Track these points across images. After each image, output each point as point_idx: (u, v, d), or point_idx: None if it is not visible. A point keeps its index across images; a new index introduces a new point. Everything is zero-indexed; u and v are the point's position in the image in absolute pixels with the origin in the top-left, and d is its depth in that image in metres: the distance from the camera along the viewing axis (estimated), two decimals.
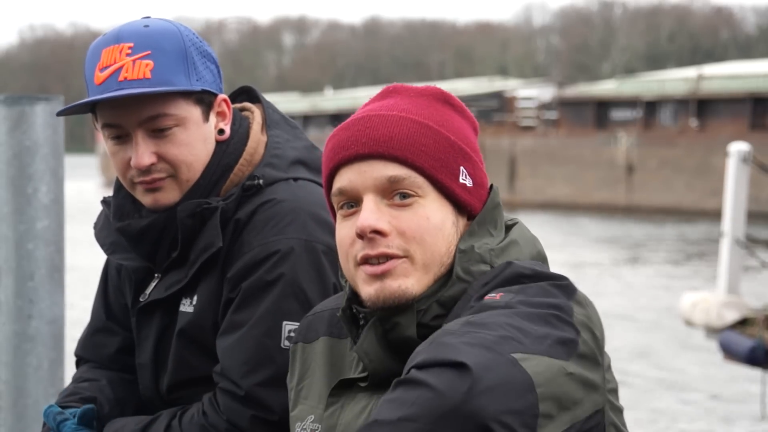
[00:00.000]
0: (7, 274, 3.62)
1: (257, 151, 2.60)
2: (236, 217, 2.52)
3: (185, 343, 2.56)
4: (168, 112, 2.46)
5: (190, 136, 2.50)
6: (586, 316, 1.84)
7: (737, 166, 11.37)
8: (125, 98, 2.44)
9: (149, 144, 2.47)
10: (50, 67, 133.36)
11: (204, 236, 2.52)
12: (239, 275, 2.49)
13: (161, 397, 2.63)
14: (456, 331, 1.75)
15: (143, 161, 2.46)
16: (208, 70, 2.53)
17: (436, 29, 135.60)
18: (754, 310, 11.22)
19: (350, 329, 1.99)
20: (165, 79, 2.45)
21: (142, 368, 2.65)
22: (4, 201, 3.61)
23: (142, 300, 2.62)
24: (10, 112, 3.59)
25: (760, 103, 42.76)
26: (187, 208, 2.51)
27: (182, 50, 2.48)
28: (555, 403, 1.72)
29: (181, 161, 2.50)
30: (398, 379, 1.72)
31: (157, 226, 2.54)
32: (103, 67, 2.45)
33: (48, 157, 3.62)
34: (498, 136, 50.33)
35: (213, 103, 2.55)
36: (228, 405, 2.45)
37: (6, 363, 3.63)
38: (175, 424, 2.50)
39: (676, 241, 31.92)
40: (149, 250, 2.57)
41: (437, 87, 2.01)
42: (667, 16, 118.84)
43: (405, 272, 1.90)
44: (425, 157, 1.91)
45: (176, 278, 2.56)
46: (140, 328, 2.64)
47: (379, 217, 1.89)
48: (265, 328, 2.45)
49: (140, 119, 2.45)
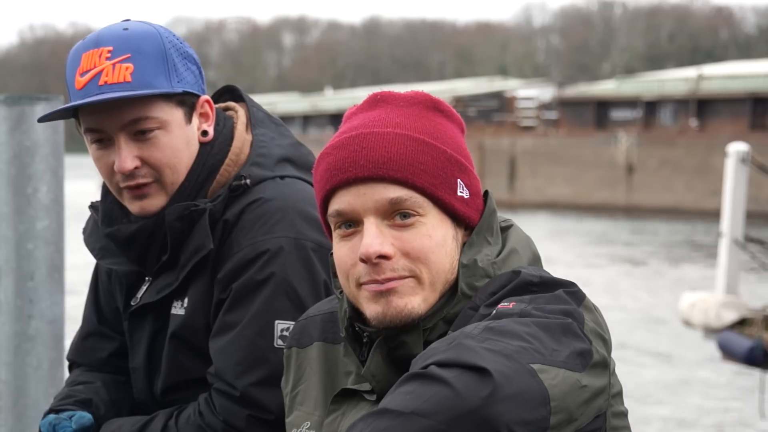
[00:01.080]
0: (7, 274, 3.62)
1: (243, 150, 2.58)
2: (224, 218, 2.51)
3: (177, 346, 2.55)
4: (149, 115, 2.45)
5: (173, 139, 2.48)
6: (596, 322, 1.85)
7: (736, 167, 11.39)
8: (106, 102, 2.42)
9: (132, 148, 2.45)
10: (50, 67, 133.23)
11: (194, 239, 2.51)
12: (229, 276, 2.48)
13: (155, 400, 2.62)
14: (477, 335, 1.74)
15: (126, 165, 2.45)
16: (189, 71, 2.51)
17: (436, 29, 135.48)
18: (753, 310, 11.24)
19: (354, 348, 1.98)
20: (145, 82, 2.43)
21: (135, 372, 2.65)
22: (4, 201, 3.61)
23: (134, 304, 2.62)
24: (10, 112, 3.59)
25: (760, 103, 42.78)
26: (174, 212, 2.50)
27: (162, 53, 2.46)
28: (565, 415, 1.73)
29: (165, 164, 2.48)
30: (413, 372, 1.70)
31: (146, 230, 2.53)
32: (83, 72, 2.44)
33: (48, 157, 3.62)
34: (498, 136, 50.32)
35: (195, 105, 2.53)
36: (224, 405, 2.45)
37: (6, 363, 3.63)
38: (171, 424, 2.49)
39: (676, 241, 31.91)
40: (139, 255, 2.57)
41: (424, 93, 1.98)
42: (667, 16, 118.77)
43: (412, 291, 1.89)
44: (425, 176, 1.89)
45: (167, 281, 2.55)
46: (132, 331, 2.64)
47: (382, 241, 1.88)
48: (257, 327, 2.44)
49: (122, 123, 2.44)
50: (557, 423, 1.72)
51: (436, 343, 1.78)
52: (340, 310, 2.01)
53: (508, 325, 1.76)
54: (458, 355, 1.69)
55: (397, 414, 1.65)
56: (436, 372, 1.67)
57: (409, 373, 1.71)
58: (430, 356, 1.72)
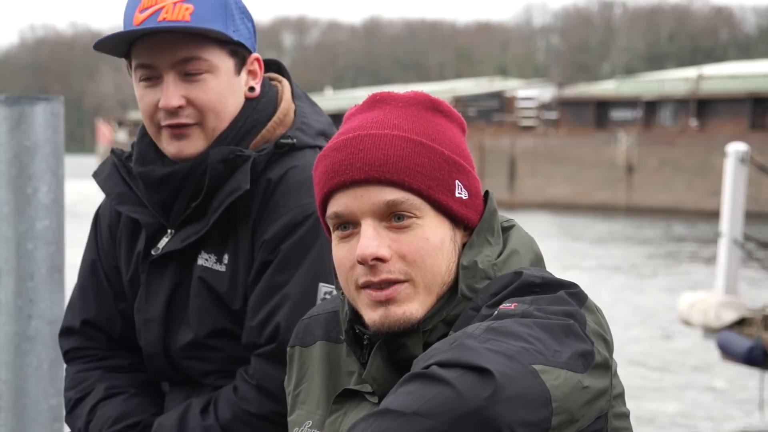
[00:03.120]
0: (7, 274, 3.62)
1: (288, 114, 2.61)
2: (267, 177, 2.53)
3: (211, 299, 2.54)
4: (202, 56, 2.47)
5: (221, 84, 2.50)
6: (598, 323, 1.85)
7: (735, 167, 11.39)
8: (161, 39, 2.45)
9: (179, 87, 2.47)
10: (50, 67, 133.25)
11: (232, 182, 2.51)
12: (278, 237, 2.49)
13: (168, 355, 2.62)
14: (479, 336, 1.74)
15: (172, 102, 2.46)
16: (245, 26, 2.55)
17: (436, 29, 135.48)
18: (752, 310, 11.24)
19: (355, 350, 1.98)
20: (204, 23, 2.46)
21: (148, 323, 2.63)
22: (4, 201, 3.61)
23: (155, 253, 2.60)
24: (10, 112, 3.59)
25: (760, 103, 42.76)
26: (219, 153, 2.50)
27: (223, 0, 2.50)
28: (567, 416, 1.73)
29: (210, 108, 2.50)
30: (415, 372, 1.70)
31: (180, 174, 2.53)
32: (143, 9, 2.46)
33: (48, 157, 3.62)
34: (498, 136, 50.31)
35: (246, 59, 2.56)
36: (260, 369, 2.46)
37: (6, 363, 3.63)
38: (210, 407, 2.51)
39: (676, 241, 31.91)
40: (166, 200, 2.56)
41: (424, 93, 1.98)
42: (667, 16, 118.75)
43: (408, 297, 1.89)
44: (422, 177, 1.89)
45: (193, 230, 2.54)
46: (150, 281, 2.62)
47: (379, 243, 1.87)
48: (302, 288, 2.46)
49: (174, 60, 2.46)
50: (559, 424, 1.72)
51: (438, 343, 1.78)
52: (341, 311, 2.01)
53: (509, 325, 1.76)
54: (460, 355, 1.69)
55: (398, 414, 1.65)
56: (437, 372, 1.67)
57: (410, 373, 1.71)
58: (431, 356, 1.72)
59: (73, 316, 2.75)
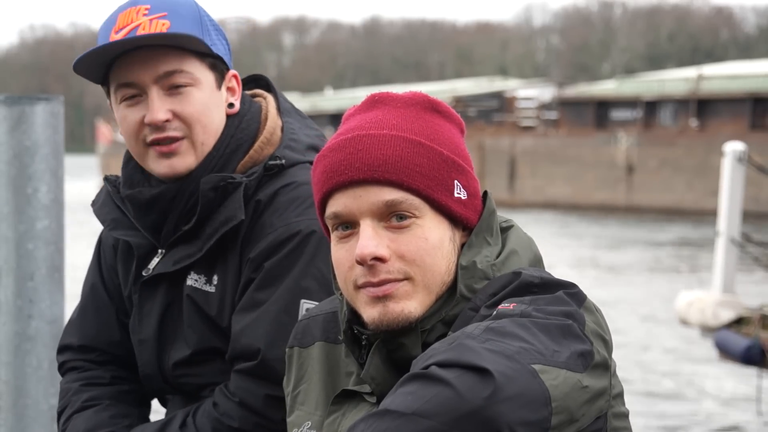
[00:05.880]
0: (7, 274, 3.62)
1: (275, 132, 2.59)
2: (257, 198, 2.52)
3: (200, 320, 2.54)
4: (184, 69, 2.46)
5: (205, 97, 2.49)
6: (597, 323, 1.85)
7: (733, 166, 11.37)
8: (142, 55, 2.43)
9: (165, 101, 2.46)
10: (50, 67, 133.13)
11: (225, 210, 2.50)
12: (263, 255, 2.48)
13: (163, 374, 2.62)
14: (478, 336, 1.74)
15: (158, 116, 2.45)
16: (220, 42, 2.54)
17: (436, 29, 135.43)
18: (750, 309, 11.22)
19: (353, 350, 1.99)
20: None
21: (143, 344, 2.63)
22: (4, 201, 3.61)
23: (146, 274, 2.60)
24: (10, 112, 3.59)
25: (760, 103, 42.71)
26: (210, 181, 2.49)
27: (198, 17, 2.49)
28: (566, 415, 1.74)
29: (196, 120, 2.48)
30: (414, 372, 1.70)
31: (168, 195, 2.52)
32: (118, 29, 2.45)
33: (48, 157, 3.62)
34: (498, 136, 50.27)
35: (225, 75, 2.55)
36: (241, 386, 2.46)
37: (6, 363, 3.63)
38: (189, 422, 2.50)
39: (676, 241, 31.91)
40: (156, 221, 2.55)
41: (423, 93, 1.98)
42: (667, 16, 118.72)
43: (407, 294, 1.89)
44: (420, 177, 1.89)
45: (186, 252, 2.54)
46: (143, 302, 2.62)
47: (378, 243, 1.88)
48: (284, 304, 2.46)
49: (156, 75, 2.45)
50: (558, 423, 1.72)
51: (437, 343, 1.78)
52: (340, 311, 2.01)
53: (508, 325, 1.76)
54: (459, 355, 1.69)
55: (398, 415, 1.66)
56: (437, 372, 1.68)
57: (410, 374, 1.71)
58: (430, 356, 1.73)
59: (71, 335, 2.76)
